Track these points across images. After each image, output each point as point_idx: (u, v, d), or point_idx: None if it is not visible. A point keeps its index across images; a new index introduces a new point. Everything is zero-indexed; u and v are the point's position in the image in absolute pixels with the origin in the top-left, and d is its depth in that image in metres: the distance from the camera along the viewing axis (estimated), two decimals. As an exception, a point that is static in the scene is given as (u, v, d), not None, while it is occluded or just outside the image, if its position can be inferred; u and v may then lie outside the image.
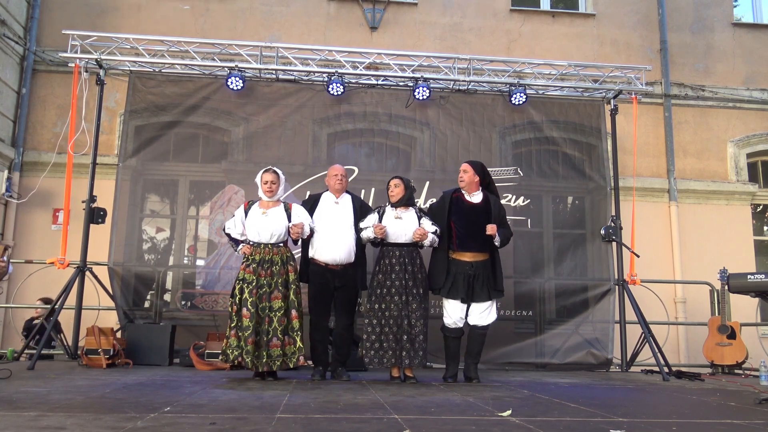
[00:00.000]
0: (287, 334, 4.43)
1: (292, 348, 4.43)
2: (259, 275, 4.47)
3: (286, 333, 4.43)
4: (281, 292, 4.47)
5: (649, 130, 8.28)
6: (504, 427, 2.69)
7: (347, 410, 3.09)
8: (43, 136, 7.56)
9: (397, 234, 4.65)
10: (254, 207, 4.66)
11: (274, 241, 4.57)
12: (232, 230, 4.70)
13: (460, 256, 4.69)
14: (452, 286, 4.64)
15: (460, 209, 4.78)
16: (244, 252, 4.59)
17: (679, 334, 7.65)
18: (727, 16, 8.79)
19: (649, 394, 4.26)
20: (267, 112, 6.54)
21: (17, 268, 6.88)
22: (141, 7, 7.89)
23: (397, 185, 4.76)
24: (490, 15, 8.41)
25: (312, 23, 8.08)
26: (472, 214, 4.74)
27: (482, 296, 4.66)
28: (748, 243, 8.16)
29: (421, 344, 4.50)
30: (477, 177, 4.80)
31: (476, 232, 4.67)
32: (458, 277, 4.64)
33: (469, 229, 4.70)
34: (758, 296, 4.36)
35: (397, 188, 4.75)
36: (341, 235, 4.69)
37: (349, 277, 4.71)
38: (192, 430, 2.46)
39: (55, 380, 4.16)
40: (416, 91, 6.30)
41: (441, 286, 4.68)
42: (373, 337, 4.55)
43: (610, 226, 6.38)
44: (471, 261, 4.66)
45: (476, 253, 4.69)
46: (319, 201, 4.86)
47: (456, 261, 4.69)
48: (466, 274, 4.64)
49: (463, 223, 4.72)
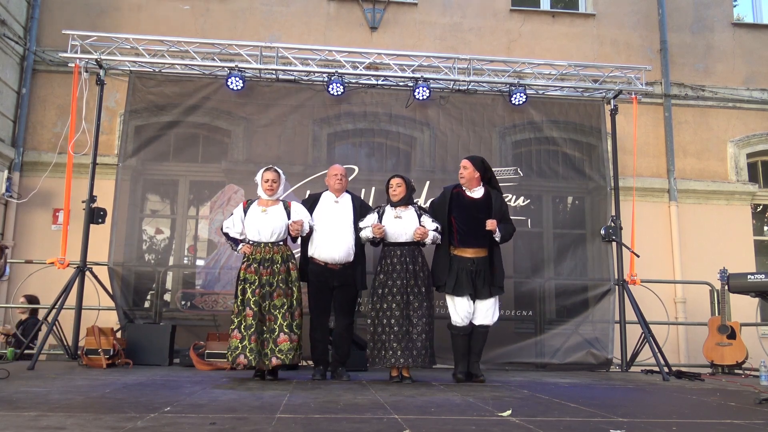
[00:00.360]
0: (293, 330, 4.44)
1: (295, 345, 4.44)
2: (261, 274, 4.46)
3: (292, 329, 4.44)
4: (283, 289, 4.47)
5: (649, 130, 8.28)
6: (504, 427, 2.68)
7: (347, 410, 3.09)
8: (43, 136, 7.56)
9: (398, 233, 4.65)
10: (253, 206, 4.66)
11: (274, 239, 4.56)
12: (231, 229, 4.69)
13: (462, 252, 4.67)
14: (456, 282, 4.60)
15: (460, 205, 4.75)
16: (244, 251, 4.58)
17: (679, 334, 7.65)
18: (727, 16, 8.79)
19: (649, 394, 4.26)
20: (267, 112, 6.54)
21: (17, 268, 6.90)
22: (141, 7, 7.89)
23: (400, 185, 4.76)
24: (490, 15, 8.41)
25: (312, 23, 8.08)
26: (473, 210, 4.72)
27: (484, 293, 4.63)
28: (748, 243, 8.15)
29: (423, 344, 4.47)
30: (477, 173, 4.77)
31: (477, 228, 4.64)
32: (461, 273, 4.61)
33: (469, 225, 4.68)
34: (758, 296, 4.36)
35: (399, 188, 4.75)
36: (340, 234, 4.68)
37: (348, 277, 4.70)
38: (192, 430, 2.46)
39: (55, 380, 4.16)
40: (416, 91, 6.30)
41: (443, 283, 4.65)
42: (375, 337, 4.55)
43: (610, 226, 6.38)
44: (473, 257, 4.64)
45: (478, 249, 4.66)
46: (318, 200, 4.86)
47: (458, 257, 4.66)
48: (468, 271, 4.61)
49: (463, 219, 4.71)
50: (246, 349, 4.31)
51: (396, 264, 4.60)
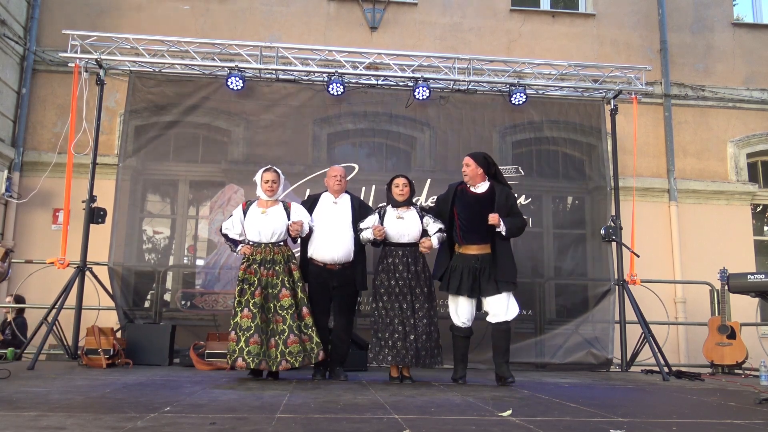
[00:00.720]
0: (302, 331, 4.41)
1: (310, 344, 4.42)
2: (262, 275, 4.44)
3: (301, 330, 4.41)
4: (288, 290, 4.45)
5: (649, 130, 8.28)
6: (504, 427, 2.68)
7: (347, 410, 3.08)
8: (43, 136, 7.56)
9: (400, 234, 4.63)
10: (253, 207, 4.64)
11: (275, 240, 4.55)
12: (230, 230, 4.67)
13: (466, 249, 4.57)
14: (460, 282, 4.50)
15: (463, 200, 4.67)
16: (244, 252, 4.57)
17: (679, 334, 7.65)
18: (727, 16, 8.79)
19: (649, 394, 4.26)
20: (267, 112, 6.55)
21: (18, 268, 6.89)
22: (141, 7, 7.89)
23: (406, 185, 4.74)
24: (490, 15, 8.41)
25: (312, 23, 8.08)
26: (476, 205, 4.61)
27: (490, 290, 4.48)
28: (748, 243, 8.16)
29: (424, 344, 4.45)
30: (480, 169, 4.67)
31: (480, 224, 4.52)
32: (464, 272, 4.51)
33: (472, 221, 4.57)
34: (758, 296, 4.36)
35: (406, 188, 4.73)
36: (340, 234, 4.67)
37: (347, 277, 4.69)
38: (192, 430, 2.46)
39: (55, 380, 4.15)
40: (416, 91, 6.30)
41: (441, 274, 4.59)
42: (377, 335, 4.52)
43: (610, 226, 6.38)
44: (477, 254, 4.53)
45: (482, 245, 4.55)
46: (318, 201, 4.86)
47: (462, 255, 4.57)
48: (471, 268, 4.50)
49: (466, 215, 4.61)
50: (243, 351, 4.28)
51: (398, 264, 4.58)
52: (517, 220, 4.63)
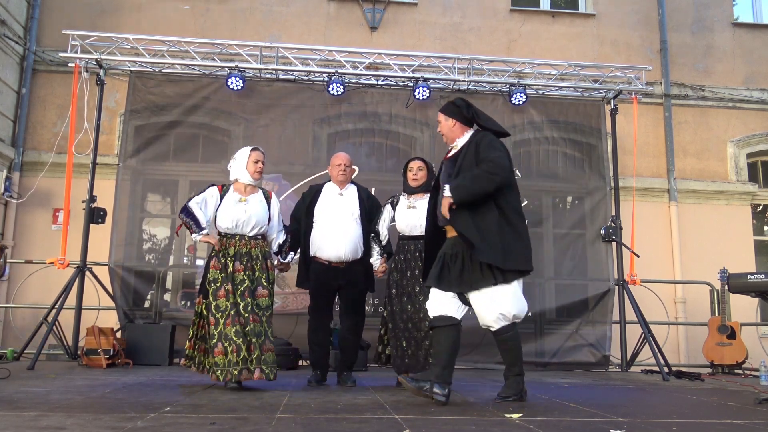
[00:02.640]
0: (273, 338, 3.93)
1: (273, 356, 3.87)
2: (236, 270, 3.88)
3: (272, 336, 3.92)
4: (266, 289, 3.94)
5: (649, 130, 8.27)
6: (504, 427, 2.68)
7: (347, 410, 3.08)
8: (43, 136, 7.55)
9: (412, 225, 4.19)
10: (230, 193, 4.06)
11: (254, 233, 4.00)
12: (199, 214, 3.96)
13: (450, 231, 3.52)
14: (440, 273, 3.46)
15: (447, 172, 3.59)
16: (212, 244, 3.95)
17: (679, 334, 7.65)
18: (727, 16, 8.79)
19: (649, 394, 4.26)
20: (267, 112, 6.55)
21: (17, 268, 6.89)
22: (141, 7, 7.89)
23: (422, 168, 4.25)
24: (490, 15, 8.41)
25: (312, 23, 8.08)
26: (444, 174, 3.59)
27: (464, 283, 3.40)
28: (748, 243, 8.15)
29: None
30: (451, 120, 3.69)
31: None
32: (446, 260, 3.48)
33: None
34: (758, 296, 4.36)
35: (421, 171, 4.24)
36: (345, 229, 4.27)
37: (355, 274, 4.30)
38: (192, 430, 2.46)
39: (55, 380, 4.16)
40: (416, 91, 6.30)
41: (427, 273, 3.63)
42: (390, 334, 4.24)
43: (610, 226, 6.38)
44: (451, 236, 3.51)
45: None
46: (320, 192, 4.43)
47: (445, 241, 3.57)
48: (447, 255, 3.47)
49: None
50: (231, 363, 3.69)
51: (410, 260, 4.18)
52: (469, 174, 3.39)
